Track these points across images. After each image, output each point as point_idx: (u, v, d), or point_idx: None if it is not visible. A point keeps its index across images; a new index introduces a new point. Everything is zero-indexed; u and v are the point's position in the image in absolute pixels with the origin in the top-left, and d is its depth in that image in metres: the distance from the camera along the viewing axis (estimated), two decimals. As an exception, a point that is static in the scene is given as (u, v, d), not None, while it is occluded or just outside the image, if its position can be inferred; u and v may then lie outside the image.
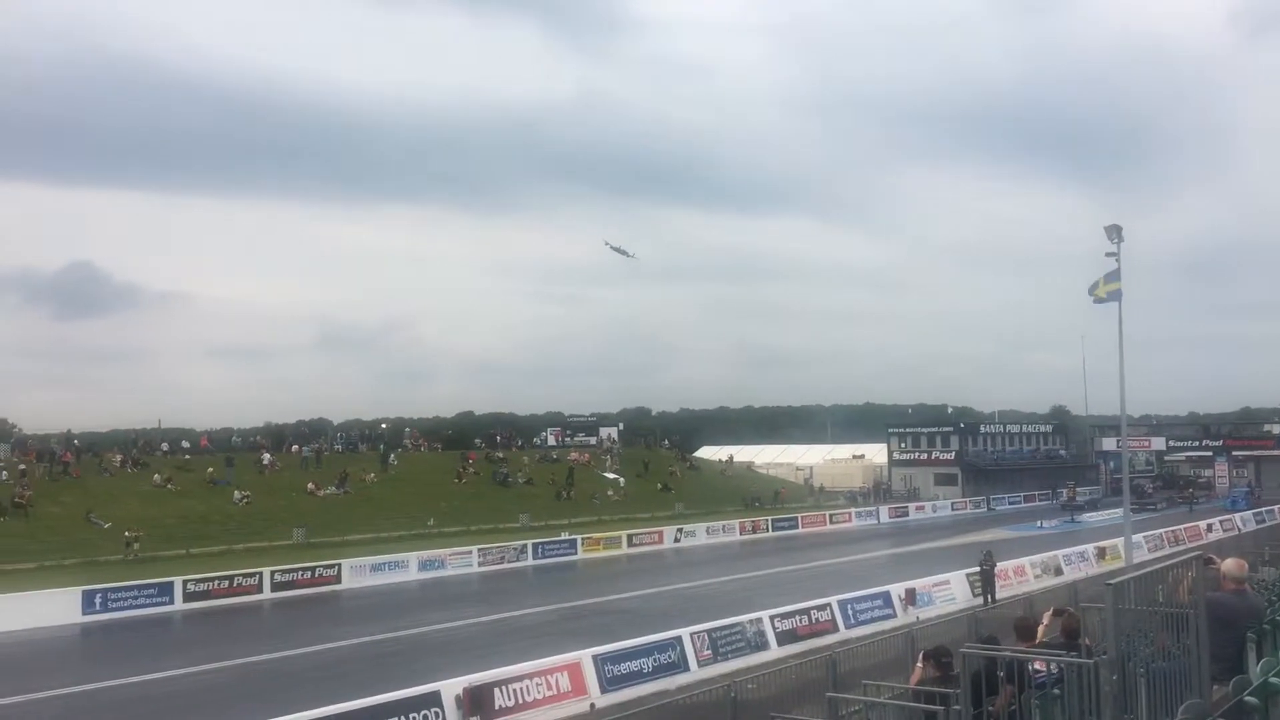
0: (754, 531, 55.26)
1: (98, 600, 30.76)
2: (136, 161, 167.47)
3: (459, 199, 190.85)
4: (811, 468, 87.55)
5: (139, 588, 32.12)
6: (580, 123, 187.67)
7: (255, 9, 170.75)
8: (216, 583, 33.88)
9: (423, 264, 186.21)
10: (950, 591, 30.16)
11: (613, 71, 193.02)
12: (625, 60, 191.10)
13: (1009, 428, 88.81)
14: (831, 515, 62.38)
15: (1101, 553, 37.77)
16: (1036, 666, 8.83)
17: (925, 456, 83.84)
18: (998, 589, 30.17)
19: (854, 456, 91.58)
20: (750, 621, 23.17)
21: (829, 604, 25.80)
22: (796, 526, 57.99)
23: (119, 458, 52.46)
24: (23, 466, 46.79)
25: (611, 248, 75.68)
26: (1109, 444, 79.36)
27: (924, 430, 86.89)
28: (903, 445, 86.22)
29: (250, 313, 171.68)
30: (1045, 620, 11.16)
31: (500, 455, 66.41)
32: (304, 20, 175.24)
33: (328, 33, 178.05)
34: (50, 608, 29.70)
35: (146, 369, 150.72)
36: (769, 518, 58.52)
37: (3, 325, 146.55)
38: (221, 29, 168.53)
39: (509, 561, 42.62)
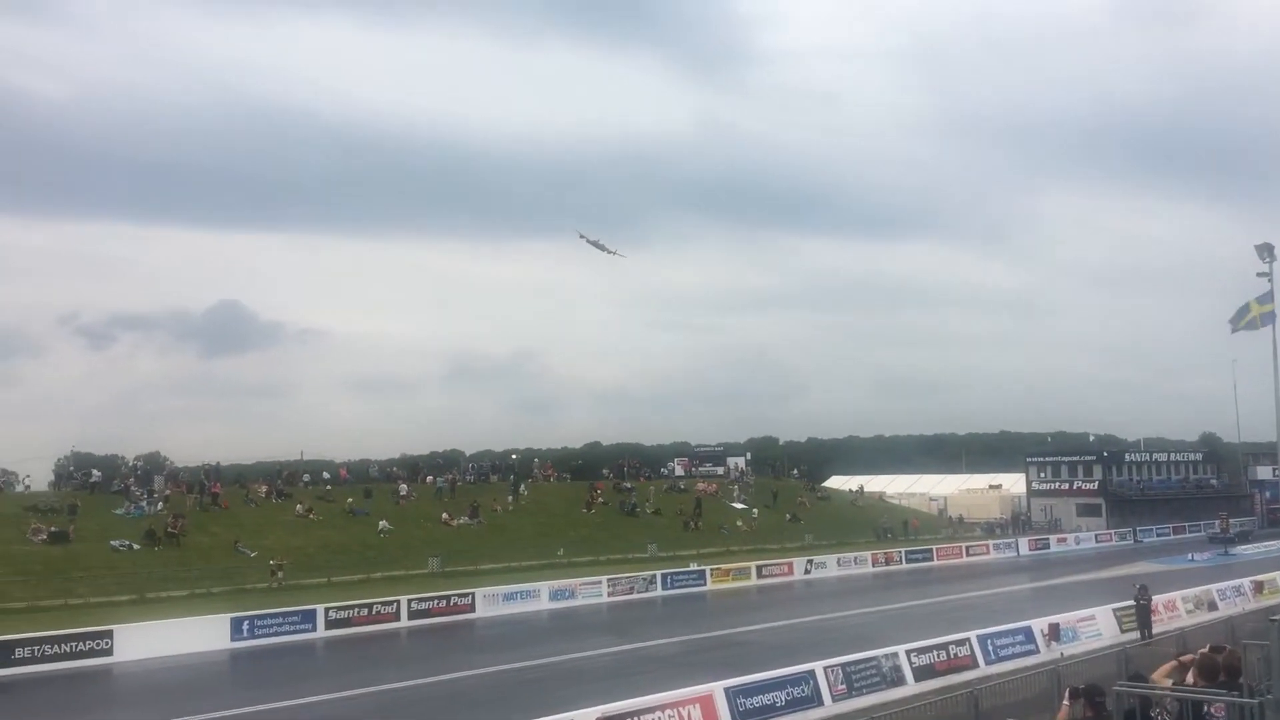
0: (887, 563, 54.23)
1: (245, 627, 31.83)
2: (280, 205, 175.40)
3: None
4: (945, 498, 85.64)
5: (284, 615, 33.16)
6: (705, 154, 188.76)
7: (389, 57, 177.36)
8: (356, 610, 34.77)
9: (552, 297, 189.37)
10: (1096, 627, 28.93)
11: (736, 102, 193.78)
12: (748, 91, 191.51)
13: (1155, 456, 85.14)
14: (968, 547, 60.86)
15: (1259, 587, 35.76)
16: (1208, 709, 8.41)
17: (1066, 486, 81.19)
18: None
19: (990, 486, 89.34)
20: (885, 656, 22.64)
21: (968, 639, 25.04)
22: (931, 559, 56.73)
23: (264, 489, 54.45)
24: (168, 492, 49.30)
25: (588, 241, 68.53)
26: (1264, 472, 75.43)
27: (1065, 459, 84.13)
28: (1042, 475, 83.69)
29: (385, 347, 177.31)
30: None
31: (628, 485, 66.72)
32: (435, 65, 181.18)
33: (457, 76, 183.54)
34: (201, 634, 30.82)
35: (289, 403, 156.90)
36: (902, 549, 57.40)
37: (157, 362, 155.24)
38: (358, 76, 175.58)
39: (638, 592, 42.68)
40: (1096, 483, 79.50)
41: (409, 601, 36.17)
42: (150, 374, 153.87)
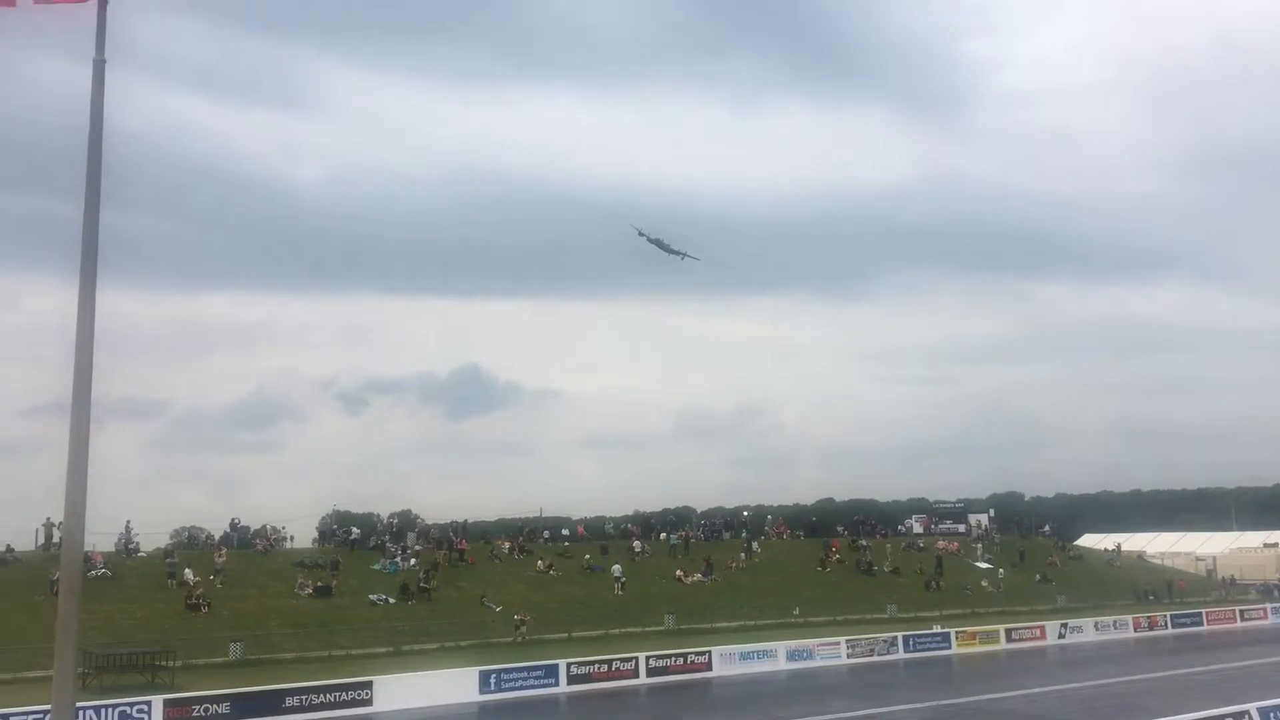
0: (1150, 628, 50.52)
1: (492, 680, 32.72)
2: (514, 271, 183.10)
3: (816, 287, 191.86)
4: (1214, 557, 79.35)
5: (528, 669, 33.94)
6: (932, 202, 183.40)
7: (613, 123, 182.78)
8: (596, 666, 35.21)
9: (781, 352, 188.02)
10: (1403, 703, 25.80)
11: (965, 148, 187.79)
12: (977, 135, 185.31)
13: None
14: (1242, 611, 56.05)
15: None
16: None
17: (1356, 544, 73.50)
18: None
19: (1265, 545, 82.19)
20: (1156, 729, 21.01)
21: (1246, 711, 22.80)
22: (1200, 623, 52.55)
23: (507, 545, 56.28)
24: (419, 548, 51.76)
25: (649, 239, 61.53)
26: None
27: (1352, 514, 76.30)
28: (1326, 532, 76.16)
29: (617, 405, 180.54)
30: None
31: (864, 543, 65.03)
32: (660, 131, 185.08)
33: (683, 140, 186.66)
34: (451, 686, 31.97)
35: (528, 461, 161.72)
36: (1167, 613, 53.49)
37: (407, 424, 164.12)
38: (584, 143, 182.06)
39: (878, 654, 41.36)
40: (1393, 540, 71.71)
41: (647, 658, 36.34)
42: (401, 435, 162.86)
